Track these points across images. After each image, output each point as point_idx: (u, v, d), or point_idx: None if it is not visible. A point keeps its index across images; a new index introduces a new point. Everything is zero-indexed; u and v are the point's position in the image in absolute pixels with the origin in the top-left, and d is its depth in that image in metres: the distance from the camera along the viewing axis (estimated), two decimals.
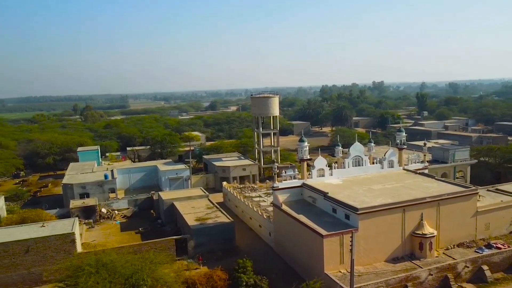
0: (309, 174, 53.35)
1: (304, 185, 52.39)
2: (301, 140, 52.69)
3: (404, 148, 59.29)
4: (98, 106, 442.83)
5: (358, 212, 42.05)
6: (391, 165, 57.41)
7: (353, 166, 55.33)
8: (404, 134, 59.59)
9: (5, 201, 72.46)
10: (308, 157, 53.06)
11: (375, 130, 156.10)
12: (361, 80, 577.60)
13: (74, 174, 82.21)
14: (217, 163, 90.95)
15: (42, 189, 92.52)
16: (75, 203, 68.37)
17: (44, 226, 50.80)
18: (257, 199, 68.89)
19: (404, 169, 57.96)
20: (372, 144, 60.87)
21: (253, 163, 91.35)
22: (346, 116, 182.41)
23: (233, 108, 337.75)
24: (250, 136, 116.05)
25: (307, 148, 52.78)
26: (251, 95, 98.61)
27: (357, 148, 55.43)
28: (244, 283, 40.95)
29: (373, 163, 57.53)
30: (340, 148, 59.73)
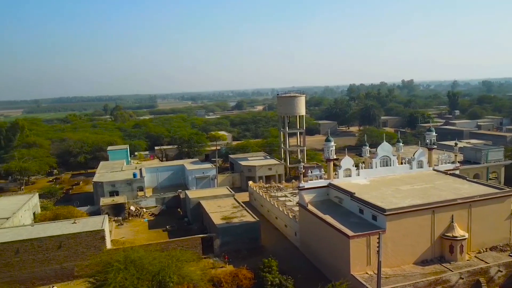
0: (335, 174, 52.80)
1: (330, 185, 51.89)
2: (327, 140, 52.20)
3: (434, 148, 57.80)
4: (127, 106, 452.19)
5: (385, 213, 41.30)
6: (420, 165, 56.07)
7: (380, 166, 54.36)
8: (434, 133, 58.07)
9: (40, 198, 75.02)
10: (335, 157, 52.51)
11: (404, 130, 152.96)
12: (390, 79, 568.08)
13: (104, 173, 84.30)
14: (243, 163, 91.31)
15: (74, 186, 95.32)
16: (105, 200, 70.11)
17: (76, 223, 52.30)
18: (283, 198, 68.74)
19: (434, 170, 56.49)
20: (401, 144, 59.60)
21: (279, 162, 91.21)
22: (374, 116, 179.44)
23: (259, 107, 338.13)
24: (276, 135, 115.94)
25: (334, 147, 52.24)
26: (278, 94, 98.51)
27: (385, 148, 54.42)
28: (269, 283, 40.94)
29: (401, 163, 56.35)
30: (368, 148, 58.79)
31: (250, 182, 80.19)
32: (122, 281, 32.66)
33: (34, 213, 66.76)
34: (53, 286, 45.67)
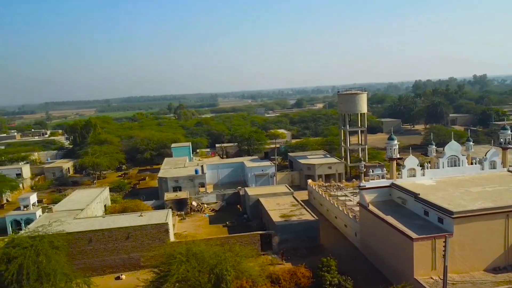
0: (398, 174, 50.84)
1: (393, 185, 50.06)
2: (390, 138, 50.40)
3: (509, 148, 53.64)
4: (190, 105, 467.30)
5: (453, 216, 39.08)
6: (493, 166, 52.33)
7: (448, 166, 51.47)
8: (509, 132, 53.84)
9: (110, 191, 79.89)
10: (398, 156, 50.57)
11: (475, 128, 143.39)
12: (460, 74, 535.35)
13: (168, 169, 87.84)
14: (302, 161, 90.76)
15: (140, 181, 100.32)
16: (169, 195, 73.08)
17: (142, 216, 55.05)
18: (343, 198, 67.45)
19: (508, 171, 52.45)
20: (471, 143, 55.97)
21: (339, 161, 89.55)
22: (442, 113, 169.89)
23: (320, 105, 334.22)
24: (336, 134, 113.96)
25: (397, 146, 50.31)
26: (338, 92, 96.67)
27: (453, 147, 51.41)
28: (328, 282, 40.41)
29: (471, 163, 52.99)
30: (434, 147, 55.94)
31: (310, 181, 79.55)
32: (184, 273, 33.86)
33: (105, 206, 71.28)
34: (121, 275, 48.45)
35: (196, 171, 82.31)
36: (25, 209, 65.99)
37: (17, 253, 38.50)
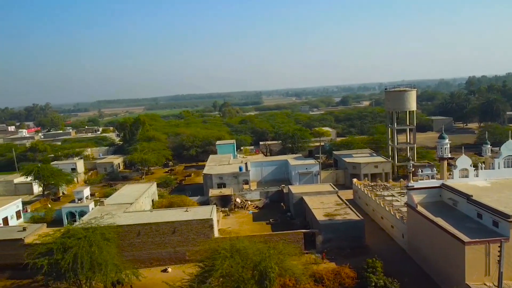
0: (449, 174, 48.72)
1: (443, 186, 48.02)
2: (441, 137, 48.41)
3: None
4: (234, 102, 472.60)
5: (510, 220, 36.88)
6: None
7: (504, 167, 48.62)
8: None
9: (157, 187, 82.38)
10: (449, 156, 48.49)
11: None
12: None
13: (213, 166, 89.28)
14: (347, 159, 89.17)
15: (186, 177, 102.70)
16: (213, 192, 74.30)
17: (188, 211, 56.33)
18: (390, 198, 65.57)
19: None
20: None
21: (386, 160, 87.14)
22: (498, 111, 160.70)
23: (366, 103, 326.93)
24: (383, 132, 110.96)
25: (448, 145, 48.28)
26: (385, 89, 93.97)
27: (510, 147, 48.48)
28: (373, 284, 39.51)
29: None
30: (489, 146, 53.09)
31: (355, 180, 78.00)
32: (228, 268, 34.33)
33: (152, 200, 73.65)
34: (168, 267, 49.89)
35: (240, 168, 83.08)
36: (79, 202, 69.58)
37: (72, 243, 40.73)
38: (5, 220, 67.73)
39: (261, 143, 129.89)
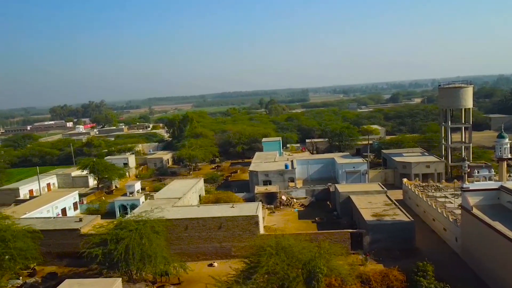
0: (509, 176, 45.87)
1: (502, 188, 45.25)
2: (500, 136, 45.69)
3: None
4: (280, 100, 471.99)
5: None
6: None
7: None
8: None
9: (204, 182, 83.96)
10: (509, 156, 45.60)
11: None
12: None
13: (259, 163, 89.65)
14: (397, 158, 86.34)
15: (232, 174, 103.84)
16: (259, 189, 74.63)
17: (233, 207, 56.94)
18: (442, 199, 62.72)
19: None
20: None
21: (438, 160, 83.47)
22: None
23: (417, 100, 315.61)
24: (436, 130, 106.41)
25: (508, 145, 45.40)
26: (439, 85, 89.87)
27: None
28: None
29: None
30: None
31: (405, 180, 75.38)
32: (273, 266, 34.33)
33: (199, 196, 75.19)
34: (214, 262, 50.77)
35: (286, 166, 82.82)
36: (131, 195, 72.38)
37: (124, 234, 42.47)
38: (64, 211, 71.84)
39: (307, 140, 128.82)
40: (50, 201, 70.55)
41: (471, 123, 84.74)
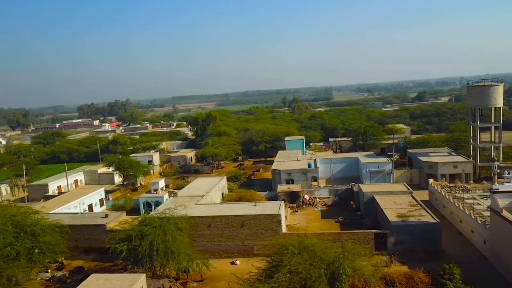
0: None
1: None
2: None
3: None
4: (304, 98, 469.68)
5: None
6: None
7: None
8: None
9: (227, 180, 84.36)
10: None
11: None
12: None
13: (281, 161, 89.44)
14: (423, 158, 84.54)
15: (255, 172, 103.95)
16: (281, 187, 74.43)
17: (256, 206, 56.97)
18: (470, 201, 61.08)
19: None
20: None
21: (466, 160, 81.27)
22: None
23: (444, 99, 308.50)
24: (463, 130, 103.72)
25: None
26: (468, 84, 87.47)
27: None
28: None
29: None
30: None
31: (431, 180, 73.73)
32: (296, 265, 34.16)
33: (222, 194, 75.60)
34: (236, 260, 50.96)
35: (309, 165, 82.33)
36: (155, 192, 73.46)
37: (148, 231, 43.10)
38: (90, 207, 73.59)
39: (330, 139, 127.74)
40: (78, 197, 72.46)
41: (501, 122, 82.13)
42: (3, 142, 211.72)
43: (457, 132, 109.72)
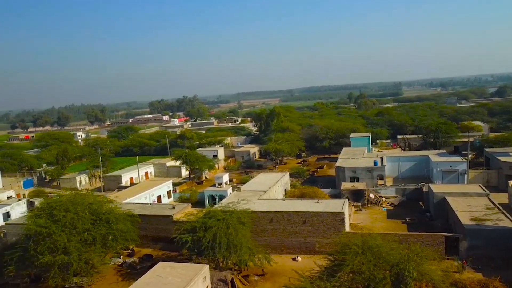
0: None
1: None
2: None
3: None
4: (371, 94, 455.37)
5: None
6: None
7: None
8: None
9: (290, 177, 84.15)
10: None
11: None
12: None
13: (346, 158, 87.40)
14: (503, 158, 78.13)
15: (318, 169, 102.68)
16: (345, 185, 72.76)
17: (319, 203, 56.13)
18: None
19: None
20: None
21: None
22: None
23: None
24: None
25: None
26: None
27: None
28: None
29: None
30: None
31: (511, 182, 68.04)
32: (359, 265, 33.21)
33: (285, 190, 75.53)
34: (297, 256, 50.72)
35: (375, 163, 79.61)
36: (219, 186, 75.25)
37: (212, 223, 44.27)
38: (159, 198, 77.18)
39: (399, 137, 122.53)
40: (147, 189, 76.30)
41: None
42: (83, 136, 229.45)
43: None
